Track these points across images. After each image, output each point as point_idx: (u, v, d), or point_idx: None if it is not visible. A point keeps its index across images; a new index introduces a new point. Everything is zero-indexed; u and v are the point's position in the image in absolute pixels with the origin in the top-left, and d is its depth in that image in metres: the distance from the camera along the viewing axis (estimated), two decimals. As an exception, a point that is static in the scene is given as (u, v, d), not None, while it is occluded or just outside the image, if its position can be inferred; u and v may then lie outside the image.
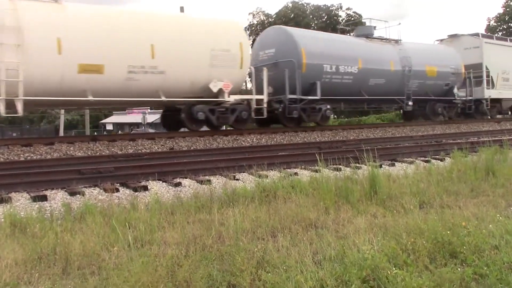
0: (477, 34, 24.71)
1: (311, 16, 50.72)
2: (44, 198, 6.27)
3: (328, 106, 17.65)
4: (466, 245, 4.00)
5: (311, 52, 16.97)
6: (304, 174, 8.10)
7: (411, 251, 3.93)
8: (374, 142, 13.78)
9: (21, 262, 3.87)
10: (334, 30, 46.16)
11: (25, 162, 9.68)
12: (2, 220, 5.24)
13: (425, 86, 21.08)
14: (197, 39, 14.32)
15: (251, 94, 16.27)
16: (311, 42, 17.51)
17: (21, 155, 10.81)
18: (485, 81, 23.47)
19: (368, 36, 20.63)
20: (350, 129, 18.42)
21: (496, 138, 12.91)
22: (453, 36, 25.45)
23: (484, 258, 3.82)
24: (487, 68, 23.67)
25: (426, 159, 10.12)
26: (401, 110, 24.12)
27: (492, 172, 7.70)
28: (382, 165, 9.11)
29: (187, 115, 14.72)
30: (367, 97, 18.99)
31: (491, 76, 23.90)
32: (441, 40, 25.60)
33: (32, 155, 10.94)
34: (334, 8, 52.05)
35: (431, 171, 8.13)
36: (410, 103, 20.50)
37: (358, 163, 8.87)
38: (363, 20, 51.83)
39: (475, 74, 23.23)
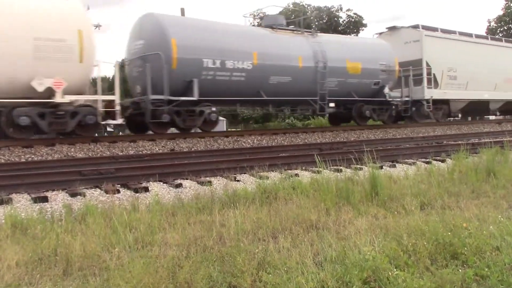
0: (417, 26, 21.75)
1: (311, 18, 50.72)
2: (45, 199, 6.27)
3: (214, 109, 14.86)
4: (467, 246, 4.00)
5: (185, 43, 14.09)
6: (305, 175, 8.10)
7: (412, 252, 3.92)
8: (375, 143, 13.79)
9: (22, 263, 3.87)
10: (335, 31, 46.23)
11: (26, 163, 9.68)
12: (3, 221, 5.24)
13: (347, 85, 18.28)
14: (15, 25, 11.56)
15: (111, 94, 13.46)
16: (186, 32, 14.48)
17: (22, 156, 10.83)
18: (425, 80, 20.59)
19: (274, 26, 17.58)
20: (351, 130, 18.41)
21: (497, 139, 12.91)
22: (392, 29, 22.73)
23: (485, 259, 3.82)
24: (428, 65, 20.90)
25: (427, 160, 10.12)
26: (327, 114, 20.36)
27: (493, 173, 7.69)
28: (383, 166, 9.10)
29: (7, 120, 11.86)
30: (266, 98, 16.08)
31: (434, 74, 21.11)
32: (380, 34, 23.07)
33: (33, 156, 10.95)
34: (334, 9, 52.05)
35: (432, 172, 8.13)
36: (332, 104, 18.04)
37: (359, 164, 8.87)
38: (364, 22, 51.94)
39: (416, 71, 20.58)
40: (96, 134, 14.45)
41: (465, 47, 22.85)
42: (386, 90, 19.22)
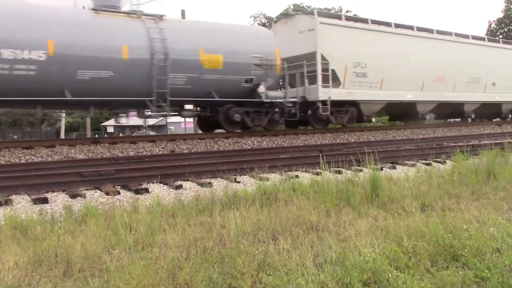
0: (312, 13, 17.64)
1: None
2: (45, 200, 6.27)
3: None
4: (467, 248, 4.00)
5: None
6: (305, 177, 8.09)
7: (413, 254, 3.92)
8: (375, 144, 13.78)
9: (22, 265, 3.87)
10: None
11: (26, 165, 9.68)
12: (3, 222, 5.24)
13: (203, 82, 14.52)
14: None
15: None
16: None
17: (22, 158, 10.83)
18: (319, 77, 16.54)
19: (98, 9, 13.65)
20: (351, 131, 18.39)
21: (497, 141, 12.91)
22: (287, 16, 19.15)
23: (485, 261, 3.82)
24: (324, 59, 16.81)
25: (427, 162, 10.12)
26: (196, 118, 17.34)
27: (493, 175, 7.69)
28: (383, 168, 9.10)
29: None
30: (72, 98, 12.47)
31: (333, 70, 16.97)
32: (275, 22, 19.59)
33: (33, 157, 10.95)
34: (334, 10, 52.05)
35: (432, 174, 8.12)
36: (189, 106, 15.66)
37: (359, 166, 8.87)
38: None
39: (311, 67, 16.82)
40: (97, 136, 14.41)
41: (379, 39, 18.68)
42: (261, 89, 15.44)
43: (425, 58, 20.03)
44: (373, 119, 19.86)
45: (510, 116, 25.74)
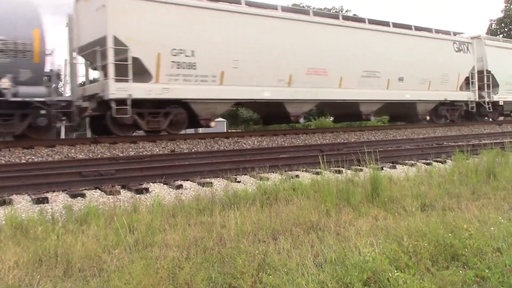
0: None
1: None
2: (45, 200, 6.28)
3: None
4: (468, 247, 4.00)
5: None
6: (305, 177, 8.10)
7: (413, 253, 3.92)
8: (375, 144, 13.78)
9: (22, 265, 3.87)
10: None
11: (27, 164, 9.68)
12: (4, 222, 5.24)
13: None
14: None
15: None
16: None
17: (23, 157, 10.82)
18: (110, 68, 12.55)
19: None
20: (352, 131, 18.38)
21: (497, 141, 12.91)
22: None
23: (486, 261, 3.82)
24: (122, 44, 12.72)
25: (428, 161, 10.13)
26: None
27: (494, 175, 7.69)
28: (384, 168, 9.10)
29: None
30: None
31: (135, 59, 12.92)
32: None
33: (33, 157, 10.95)
34: (335, 11, 52.03)
35: (432, 173, 8.13)
36: None
37: (360, 165, 8.87)
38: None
39: (104, 55, 12.83)
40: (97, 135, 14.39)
41: (218, 20, 14.25)
42: (4, 83, 11.16)
43: (286, 44, 15.54)
44: (213, 124, 14.99)
45: (427, 118, 21.89)
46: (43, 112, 11.62)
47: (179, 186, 7.28)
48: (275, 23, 15.61)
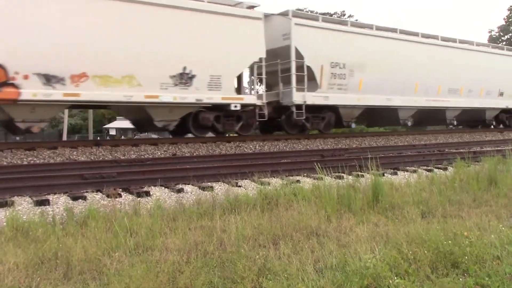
0: None
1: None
2: (46, 202, 6.28)
3: None
4: (468, 255, 3.99)
5: None
6: (306, 182, 8.10)
7: (413, 260, 3.92)
8: (376, 150, 13.78)
9: (22, 266, 3.88)
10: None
11: (28, 166, 9.71)
12: (5, 224, 5.25)
13: None
14: None
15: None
16: None
17: (24, 159, 10.85)
18: None
19: None
20: (353, 137, 18.39)
21: (499, 148, 12.89)
22: None
23: (486, 269, 3.81)
24: None
25: (429, 168, 10.12)
26: None
27: (495, 182, 7.68)
28: (385, 174, 9.10)
29: None
30: None
31: None
32: None
33: (35, 159, 10.97)
34: (337, 15, 52.15)
35: (434, 180, 8.12)
36: None
37: (361, 171, 8.87)
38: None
39: None
40: (99, 138, 14.50)
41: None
42: None
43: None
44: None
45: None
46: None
47: (180, 190, 7.29)
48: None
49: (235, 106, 14.90)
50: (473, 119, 24.19)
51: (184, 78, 13.91)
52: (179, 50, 13.77)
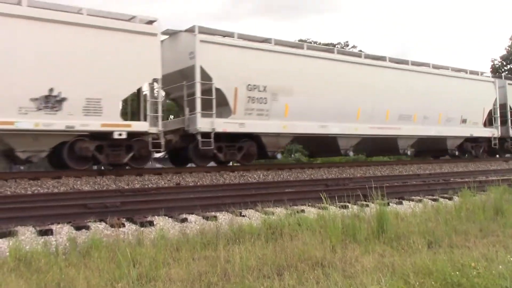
0: None
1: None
2: (50, 232, 6.25)
3: None
4: (475, 286, 3.92)
5: None
6: (311, 211, 8.05)
7: (420, 291, 3.85)
8: (381, 179, 13.72)
9: (24, 297, 3.84)
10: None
11: (32, 196, 9.71)
12: (7, 254, 5.22)
13: None
14: None
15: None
16: None
17: (29, 189, 10.86)
18: None
19: None
20: (357, 166, 18.35)
21: (504, 177, 12.82)
22: None
23: (494, 300, 3.74)
24: None
25: (434, 197, 10.05)
26: None
27: (501, 212, 7.61)
28: (390, 203, 9.03)
29: None
30: None
31: None
32: None
33: (39, 188, 10.98)
34: (340, 46, 52.72)
35: (439, 210, 8.06)
36: None
37: (366, 201, 8.82)
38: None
39: None
40: (103, 167, 14.36)
41: None
42: None
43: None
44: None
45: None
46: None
47: (184, 220, 7.25)
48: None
49: (120, 134, 12.83)
50: (433, 148, 22.72)
51: (51, 102, 11.90)
52: (43, 69, 11.77)
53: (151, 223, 6.95)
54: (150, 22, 13.74)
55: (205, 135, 14.09)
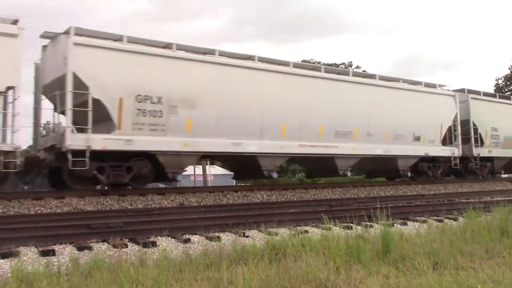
0: None
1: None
2: (52, 252, 6.22)
3: None
4: (482, 309, 3.87)
5: None
6: (314, 232, 7.99)
7: (426, 314, 3.80)
8: (385, 200, 13.64)
9: (25, 319, 3.80)
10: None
11: (35, 216, 9.69)
12: (9, 274, 5.19)
13: None
14: None
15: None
16: None
17: (32, 209, 10.84)
18: None
19: None
20: (362, 186, 18.26)
21: (510, 198, 12.73)
22: None
23: (501, 323, 3.69)
24: None
25: (439, 218, 9.98)
26: None
27: (507, 233, 7.54)
28: (394, 224, 8.96)
29: None
30: None
31: None
32: None
33: (42, 208, 10.97)
34: (344, 66, 53.03)
35: (444, 230, 7.99)
36: None
37: (370, 221, 8.76)
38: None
39: None
40: (106, 187, 14.30)
41: None
42: None
43: None
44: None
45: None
46: None
47: (187, 240, 7.21)
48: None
49: None
50: (384, 169, 20.18)
51: None
52: None
53: (154, 244, 6.91)
54: (15, 22, 12.01)
55: (79, 153, 12.00)
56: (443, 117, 20.70)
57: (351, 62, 54.90)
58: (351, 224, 8.59)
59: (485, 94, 23.60)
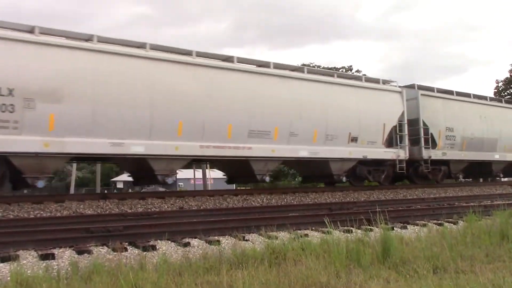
0: None
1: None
2: (51, 256, 6.21)
3: None
4: (483, 313, 3.86)
5: None
6: (314, 236, 7.98)
7: (426, 318, 3.79)
8: (385, 203, 13.62)
9: (24, 323, 3.79)
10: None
11: (35, 220, 9.67)
12: (8, 278, 5.18)
13: None
14: None
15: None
16: None
17: (31, 212, 10.83)
18: None
19: None
20: (362, 190, 18.22)
21: (510, 202, 12.72)
22: None
23: (502, 327, 3.68)
24: None
25: (439, 222, 9.97)
26: None
27: (508, 237, 7.53)
28: (394, 228, 8.96)
29: None
30: None
31: None
32: None
33: (42, 212, 10.95)
34: (343, 70, 53.05)
35: (445, 234, 7.98)
36: None
37: (370, 225, 8.75)
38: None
39: None
40: (106, 191, 14.32)
41: None
42: None
43: None
44: None
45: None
46: None
47: (187, 244, 7.20)
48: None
49: None
50: (318, 173, 17.72)
51: None
52: None
53: (153, 248, 6.90)
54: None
55: None
56: (387, 115, 18.36)
57: (351, 66, 54.88)
58: (351, 228, 8.58)
59: (440, 90, 21.14)
